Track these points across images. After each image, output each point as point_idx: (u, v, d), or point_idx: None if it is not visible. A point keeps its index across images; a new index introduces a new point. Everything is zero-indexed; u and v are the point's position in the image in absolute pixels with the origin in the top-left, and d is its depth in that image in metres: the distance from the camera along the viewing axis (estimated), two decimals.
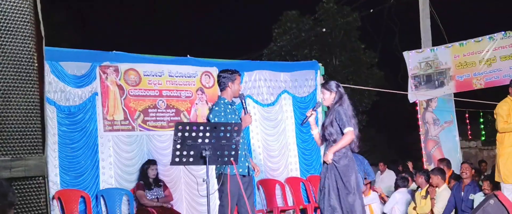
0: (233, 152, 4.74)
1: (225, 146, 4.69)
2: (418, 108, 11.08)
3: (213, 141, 4.63)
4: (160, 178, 7.87)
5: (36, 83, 3.17)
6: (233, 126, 4.73)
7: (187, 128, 4.60)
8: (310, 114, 5.64)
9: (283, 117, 9.42)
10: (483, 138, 15.95)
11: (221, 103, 5.58)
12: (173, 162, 4.66)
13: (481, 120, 15.19)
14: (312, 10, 19.30)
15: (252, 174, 5.72)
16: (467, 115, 14.46)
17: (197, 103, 8.59)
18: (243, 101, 5.69)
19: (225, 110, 5.53)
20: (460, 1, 18.16)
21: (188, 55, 8.72)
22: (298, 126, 9.31)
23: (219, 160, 4.75)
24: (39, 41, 3.22)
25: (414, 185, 8.75)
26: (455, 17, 18.01)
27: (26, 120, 3.11)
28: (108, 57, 7.96)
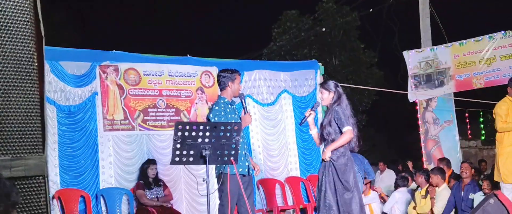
0: (233, 152, 4.73)
1: (225, 146, 4.69)
2: (418, 108, 11.07)
3: (213, 141, 4.63)
4: (160, 177, 7.87)
5: (36, 82, 3.16)
6: (233, 125, 4.73)
7: (187, 127, 4.59)
8: (308, 113, 5.64)
9: (283, 117, 9.42)
10: (483, 138, 15.95)
11: (221, 102, 5.58)
12: (173, 162, 4.65)
13: (481, 119, 15.19)
14: (311, 9, 19.34)
15: (252, 174, 5.72)
16: (467, 115, 14.45)
17: (197, 103, 8.58)
18: (243, 101, 5.68)
19: (225, 109, 5.53)
20: (460, 1, 18.16)
21: (188, 55, 8.72)
22: (298, 126, 9.30)
23: (219, 160, 4.74)
24: (39, 41, 3.22)
25: (414, 185, 8.75)
26: (455, 16, 18.02)
27: (26, 119, 3.10)
28: (108, 56, 7.96)
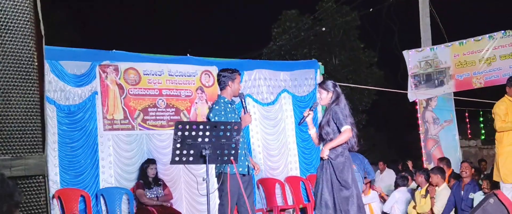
0: (233, 151, 4.73)
1: (225, 145, 4.69)
2: (417, 107, 11.07)
3: (213, 140, 4.63)
4: (159, 177, 7.87)
5: (36, 82, 3.16)
6: (233, 125, 4.73)
7: (187, 127, 4.59)
8: (307, 113, 5.64)
9: (283, 116, 9.42)
10: (482, 137, 15.94)
11: (221, 102, 5.58)
12: (173, 161, 4.65)
13: (481, 119, 15.18)
14: (311, 9, 19.33)
15: (252, 173, 5.72)
16: (466, 114, 14.45)
17: (197, 103, 8.58)
18: (242, 100, 5.68)
19: (225, 109, 5.53)
20: (459, 0, 18.15)
21: (188, 54, 8.72)
22: (298, 125, 9.30)
23: (219, 159, 4.74)
24: (39, 40, 3.21)
25: (414, 184, 8.75)
26: (455, 16, 18.00)
27: (26, 119, 3.10)
28: (108, 56, 7.96)
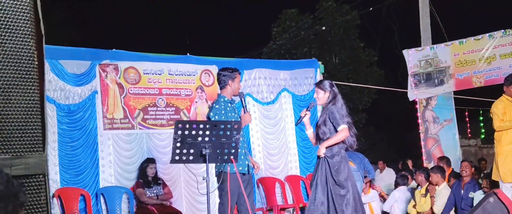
0: (233, 150, 4.73)
1: (225, 144, 4.69)
2: (417, 106, 11.07)
3: (213, 139, 4.63)
4: (159, 176, 7.87)
5: (36, 81, 3.16)
6: (233, 124, 4.73)
7: (187, 126, 4.59)
8: (304, 114, 5.65)
9: (282, 115, 9.41)
10: (482, 136, 15.94)
11: (221, 101, 5.58)
12: (173, 160, 4.66)
13: (481, 118, 15.17)
14: (311, 8, 19.34)
15: (252, 172, 5.73)
16: (466, 113, 14.44)
17: (196, 102, 8.58)
18: (242, 99, 5.69)
19: (225, 108, 5.53)
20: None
21: (188, 54, 8.72)
22: (295, 125, 9.30)
23: (219, 158, 4.75)
24: (39, 40, 3.21)
25: (414, 183, 8.75)
26: (455, 15, 18.00)
27: (26, 118, 3.10)
28: (107, 55, 7.95)
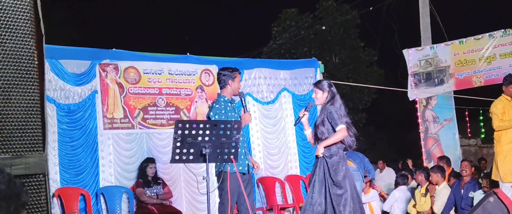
0: (233, 150, 4.73)
1: (225, 144, 4.69)
2: (417, 106, 11.07)
3: (213, 139, 4.63)
4: (159, 175, 7.87)
5: (36, 81, 3.16)
6: (233, 123, 4.73)
7: (187, 125, 4.59)
8: (302, 114, 5.64)
9: (282, 115, 9.41)
10: (482, 136, 15.95)
11: (221, 101, 5.58)
12: (173, 160, 4.66)
13: (481, 117, 15.18)
14: (311, 8, 19.35)
15: (252, 172, 5.73)
16: (466, 113, 14.45)
17: (196, 101, 8.58)
18: (242, 99, 5.69)
19: (225, 108, 5.53)
20: None
21: (188, 53, 8.72)
22: (293, 126, 9.30)
23: (219, 158, 4.74)
24: (39, 39, 3.21)
25: (414, 183, 8.75)
26: (455, 15, 18.01)
27: (26, 118, 3.10)
28: (107, 55, 7.95)
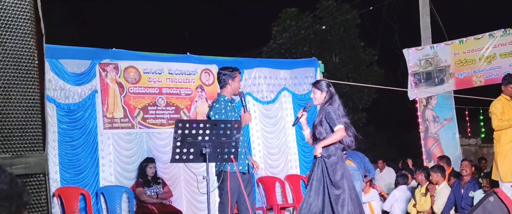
0: (233, 150, 4.73)
1: (225, 143, 4.69)
2: (417, 105, 11.07)
3: (213, 138, 4.63)
4: (159, 175, 7.88)
5: (36, 80, 3.15)
6: (233, 123, 4.73)
7: (187, 125, 4.59)
8: (301, 114, 5.65)
9: (283, 114, 9.41)
10: (482, 135, 15.95)
11: (221, 100, 5.58)
12: (173, 160, 4.66)
13: (481, 117, 15.18)
14: (311, 7, 19.34)
15: (252, 172, 5.73)
16: (467, 112, 14.45)
17: (196, 101, 8.58)
18: (242, 99, 5.69)
19: (225, 107, 5.53)
20: None
21: (188, 53, 8.72)
22: (297, 124, 9.28)
23: (219, 158, 4.74)
24: (39, 39, 3.21)
25: (414, 183, 8.76)
26: (455, 14, 18.00)
27: (26, 117, 3.10)
28: (107, 54, 7.95)
